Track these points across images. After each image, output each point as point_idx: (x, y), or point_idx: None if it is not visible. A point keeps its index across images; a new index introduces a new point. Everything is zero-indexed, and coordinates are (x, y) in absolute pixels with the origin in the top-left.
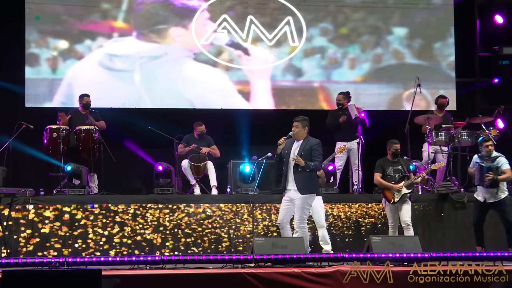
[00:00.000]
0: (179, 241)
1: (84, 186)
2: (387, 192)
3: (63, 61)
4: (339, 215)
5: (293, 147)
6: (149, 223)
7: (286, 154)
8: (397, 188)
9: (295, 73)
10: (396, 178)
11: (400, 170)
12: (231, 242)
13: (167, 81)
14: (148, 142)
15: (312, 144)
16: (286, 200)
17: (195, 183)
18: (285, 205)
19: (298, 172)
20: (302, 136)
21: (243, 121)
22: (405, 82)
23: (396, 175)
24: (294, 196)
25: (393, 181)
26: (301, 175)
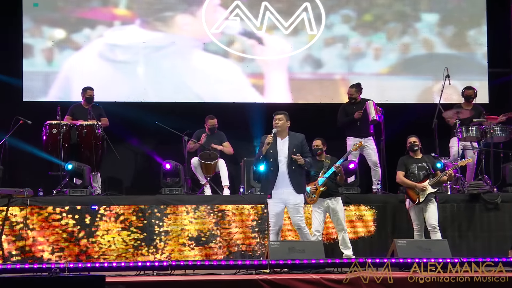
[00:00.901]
0: (189, 245)
1: (86, 186)
2: (410, 192)
3: (59, 52)
4: (361, 217)
5: (279, 145)
6: (156, 225)
7: (271, 154)
8: (422, 187)
9: (314, 64)
10: (421, 177)
11: (424, 168)
12: (245, 246)
13: (174, 74)
14: (155, 139)
15: (300, 139)
16: (278, 203)
17: (205, 182)
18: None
19: (293, 172)
20: (285, 131)
21: (257, 115)
22: (436, 73)
23: (420, 173)
24: (288, 197)
25: (417, 180)
26: (296, 175)
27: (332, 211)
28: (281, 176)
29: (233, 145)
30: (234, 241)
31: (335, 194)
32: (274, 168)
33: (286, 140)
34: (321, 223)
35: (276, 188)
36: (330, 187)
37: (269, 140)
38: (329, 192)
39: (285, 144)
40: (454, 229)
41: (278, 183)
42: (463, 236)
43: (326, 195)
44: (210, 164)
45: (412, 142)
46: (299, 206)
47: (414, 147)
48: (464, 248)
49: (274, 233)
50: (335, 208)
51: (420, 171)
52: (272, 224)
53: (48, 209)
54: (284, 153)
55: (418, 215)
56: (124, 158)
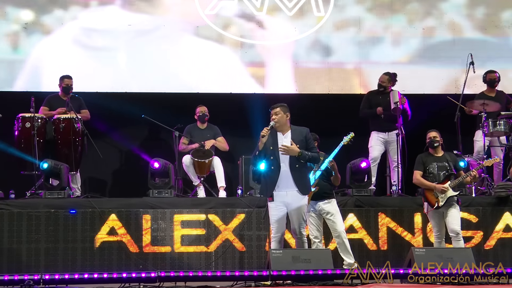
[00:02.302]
0: (180, 254)
1: (64, 188)
2: (429, 195)
3: (26, 37)
4: (374, 222)
5: (280, 141)
6: (143, 231)
7: (271, 151)
8: (441, 189)
9: (323, 51)
10: (441, 177)
11: (445, 167)
12: (243, 254)
13: (161, 62)
14: (142, 134)
15: (304, 133)
16: (280, 207)
17: (198, 183)
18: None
19: (297, 170)
20: (285, 125)
21: (257, 108)
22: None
23: (440, 173)
24: (292, 200)
25: (437, 181)
26: (301, 173)
27: (326, 215)
28: (283, 176)
29: (229, 141)
30: (231, 249)
31: (328, 196)
32: (275, 167)
33: (288, 135)
34: (318, 228)
35: (278, 190)
36: (323, 188)
37: (264, 132)
38: (322, 193)
39: (287, 140)
40: (479, 236)
41: (280, 184)
42: (490, 244)
43: (318, 197)
44: (204, 163)
45: (432, 137)
46: (303, 210)
47: (434, 143)
48: (490, 257)
49: (276, 241)
50: (329, 211)
51: (440, 171)
52: (274, 231)
53: (20, 213)
54: None
55: (438, 220)
56: (107, 156)
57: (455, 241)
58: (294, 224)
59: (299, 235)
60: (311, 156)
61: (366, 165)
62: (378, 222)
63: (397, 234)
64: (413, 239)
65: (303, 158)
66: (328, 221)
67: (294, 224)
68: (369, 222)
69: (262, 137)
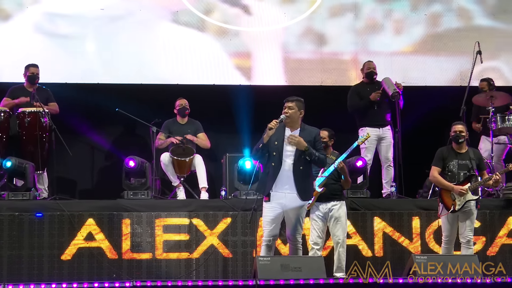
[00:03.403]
0: (157, 262)
1: (29, 189)
2: (445, 196)
3: None
4: (369, 226)
5: (286, 137)
6: (117, 237)
7: (275, 147)
8: (460, 191)
9: (316, 39)
10: (460, 177)
11: (467, 166)
12: (227, 262)
13: (136, 51)
14: (116, 130)
15: (314, 133)
16: (276, 208)
17: (178, 184)
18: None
19: (300, 172)
20: (296, 122)
21: (242, 101)
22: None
23: (460, 172)
24: (290, 203)
25: (456, 181)
26: (303, 176)
27: (331, 219)
28: (284, 175)
29: (212, 138)
30: (213, 256)
31: (336, 197)
32: (276, 163)
33: (296, 133)
34: (320, 234)
35: (275, 189)
36: (331, 189)
37: (272, 125)
38: (330, 195)
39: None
40: (486, 242)
41: (278, 183)
42: (498, 251)
43: (325, 198)
44: (184, 161)
45: (458, 131)
46: (301, 216)
47: (459, 139)
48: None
49: (267, 246)
50: (336, 215)
51: (461, 170)
52: (265, 234)
53: None
54: (291, 149)
55: (451, 224)
56: (76, 154)
57: (466, 248)
58: (289, 228)
59: (293, 241)
60: (318, 156)
61: (363, 164)
62: (373, 226)
63: (393, 239)
64: (410, 245)
65: (309, 155)
66: (333, 226)
67: (289, 227)
68: (365, 226)
69: (269, 130)
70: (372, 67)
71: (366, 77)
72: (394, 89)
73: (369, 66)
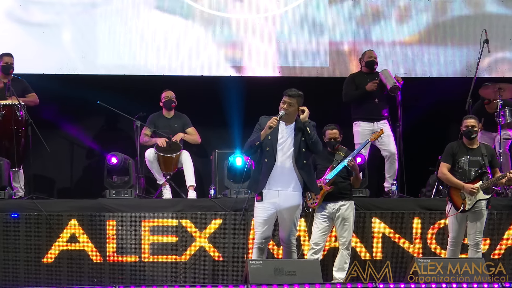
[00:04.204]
0: (142, 266)
1: (4, 187)
2: (455, 195)
3: None
4: (368, 227)
5: (281, 131)
6: (99, 240)
7: (268, 141)
8: (471, 190)
9: (313, 28)
10: (471, 175)
11: (478, 163)
12: (216, 266)
13: (117, 40)
14: (97, 124)
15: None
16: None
17: (164, 182)
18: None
19: (304, 166)
20: (293, 117)
21: (233, 93)
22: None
23: (471, 169)
24: (284, 200)
25: (466, 178)
26: (308, 170)
27: (339, 220)
28: (278, 172)
29: (199, 133)
30: (202, 259)
31: (345, 197)
32: (269, 159)
33: (291, 127)
34: (322, 235)
35: (269, 187)
36: (340, 188)
37: (273, 123)
38: (338, 194)
39: (289, 132)
40: (493, 244)
41: (272, 181)
42: (505, 253)
43: (333, 198)
44: (171, 158)
45: (470, 126)
46: (295, 216)
47: (472, 134)
48: (507, 269)
49: (259, 249)
50: (344, 216)
51: (472, 166)
52: (257, 236)
53: None
54: (287, 143)
55: (459, 224)
56: (55, 150)
57: (474, 252)
58: (283, 229)
59: (287, 243)
60: (316, 136)
61: (362, 161)
62: (372, 227)
63: (393, 241)
64: (411, 247)
65: (309, 126)
66: (339, 227)
67: (283, 229)
68: (364, 227)
69: (270, 129)
70: (374, 56)
71: (366, 66)
72: (394, 82)
73: (370, 55)
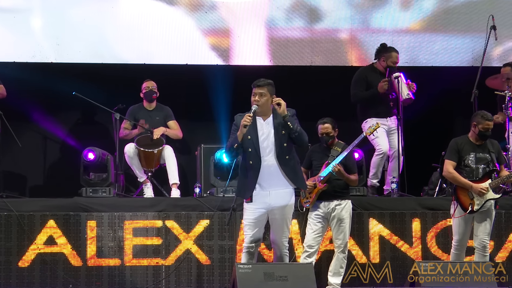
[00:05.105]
0: (122, 270)
1: None
2: (462, 195)
3: None
4: (365, 228)
5: (261, 128)
6: (75, 242)
7: (249, 142)
8: (480, 190)
9: (308, 14)
10: (479, 172)
11: (486, 160)
12: (201, 270)
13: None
14: (73, 117)
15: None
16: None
17: (145, 179)
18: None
19: (287, 161)
20: (268, 109)
21: (220, 83)
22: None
23: (479, 167)
24: (275, 200)
25: (474, 177)
26: (292, 165)
27: (334, 221)
28: (265, 172)
29: (183, 126)
30: (186, 263)
31: (341, 196)
32: (254, 161)
33: (269, 121)
34: (316, 237)
35: (260, 188)
36: (335, 186)
37: (246, 121)
38: (333, 192)
39: (268, 127)
40: (498, 246)
41: (262, 181)
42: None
43: (328, 196)
44: (152, 153)
45: (489, 127)
46: (287, 216)
47: (488, 137)
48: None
49: (248, 253)
50: (340, 216)
51: (479, 163)
52: (247, 239)
53: None
54: (269, 139)
55: (465, 226)
56: (27, 144)
57: (480, 255)
58: (275, 232)
59: (279, 246)
60: (298, 127)
61: (359, 157)
62: (368, 229)
63: (391, 244)
64: (410, 250)
65: (291, 121)
66: (335, 229)
67: (275, 230)
68: (361, 229)
69: (245, 128)
70: (397, 61)
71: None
72: (407, 94)
73: (395, 60)
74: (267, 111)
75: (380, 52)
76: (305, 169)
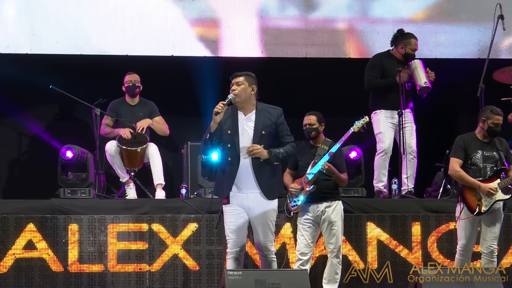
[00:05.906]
0: (103, 277)
1: None
2: (469, 195)
3: None
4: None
5: (242, 124)
6: (52, 245)
7: (229, 137)
8: (488, 190)
9: (303, 3)
10: (487, 172)
11: (494, 158)
12: (188, 276)
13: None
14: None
15: (275, 115)
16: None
17: (128, 179)
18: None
19: (261, 166)
20: (249, 102)
21: (208, 76)
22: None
23: (487, 165)
24: (254, 203)
25: (482, 176)
26: (266, 170)
27: (325, 224)
28: (243, 172)
29: (169, 123)
30: (172, 269)
31: (331, 197)
32: (233, 158)
33: (251, 116)
34: (309, 243)
35: (236, 189)
36: (323, 187)
37: (218, 108)
38: (322, 194)
39: (249, 124)
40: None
41: (239, 182)
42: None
43: (317, 198)
44: (135, 152)
45: (498, 123)
46: (269, 219)
47: (497, 133)
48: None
49: (233, 259)
50: (331, 219)
51: (486, 162)
52: (230, 245)
53: None
54: (248, 136)
55: (471, 230)
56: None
57: (487, 259)
58: (258, 236)
59: (264, 251)
60: (285, 154)
61: (357, 155)
62: (366, 233)
63: (390, 249)
64: (410, 256)
65: (276, 158)
66: (326, 233)
67: (258, 235)
68: (359, 233)
69: (216, 115)
70: (416, 48)
71: (404, 56)
72: (425, 82)
73: (415, 48)
74: (248, 105)
75: (397, 39)
76: (291, 170)
